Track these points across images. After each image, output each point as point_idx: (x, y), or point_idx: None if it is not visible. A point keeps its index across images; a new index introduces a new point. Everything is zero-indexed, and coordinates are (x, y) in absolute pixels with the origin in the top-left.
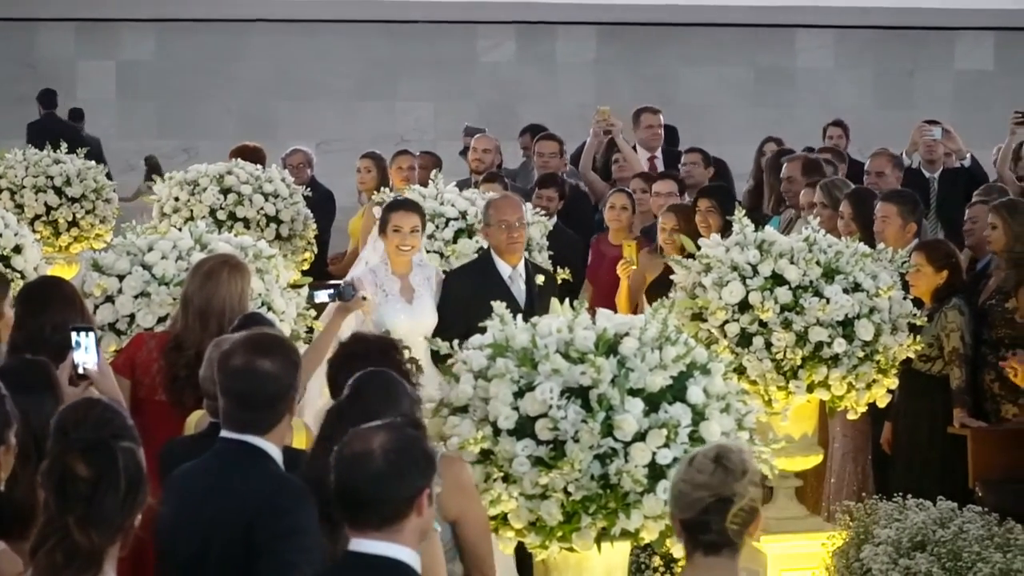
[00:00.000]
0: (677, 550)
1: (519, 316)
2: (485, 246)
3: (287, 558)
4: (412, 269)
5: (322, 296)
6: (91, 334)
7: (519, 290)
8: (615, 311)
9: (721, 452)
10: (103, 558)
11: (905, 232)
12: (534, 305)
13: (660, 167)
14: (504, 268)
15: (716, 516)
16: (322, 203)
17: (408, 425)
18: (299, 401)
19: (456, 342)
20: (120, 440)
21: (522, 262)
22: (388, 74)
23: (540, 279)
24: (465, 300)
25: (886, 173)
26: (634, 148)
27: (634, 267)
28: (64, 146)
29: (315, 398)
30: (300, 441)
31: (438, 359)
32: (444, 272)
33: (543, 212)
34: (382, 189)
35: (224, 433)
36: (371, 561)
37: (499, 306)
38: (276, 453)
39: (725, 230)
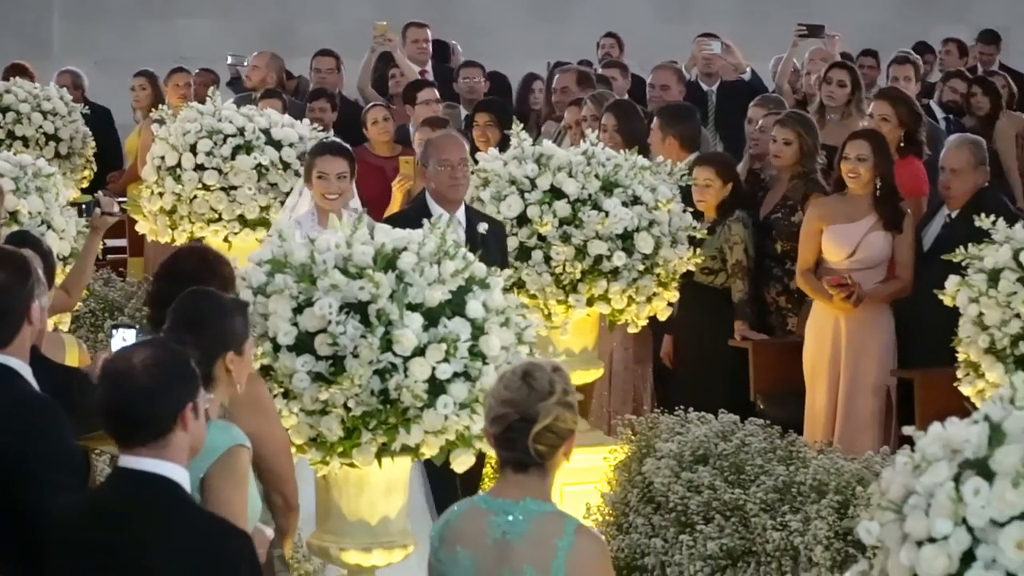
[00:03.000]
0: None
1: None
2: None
3: (46, 477)
4: (343, 219)
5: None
6: None
7: (459, 239)
8: None
9: (529, 370)
10: None
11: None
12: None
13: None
14: (440, 214)
15: (520, 434)
16: (102, 122)
17: (171, 340)
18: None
19: None
20: None
21: (462, 208)
22: None
23: (483, 227)
24: None
25: (671, 87)
26: None
27: (411, 183)
28: None
29: None
30: (72, 358)
31: None
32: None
33: (320, 127)
34: (159, 106)
35: None
36: (139, 478)
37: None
38: (22, 367)
39: (502, 144)
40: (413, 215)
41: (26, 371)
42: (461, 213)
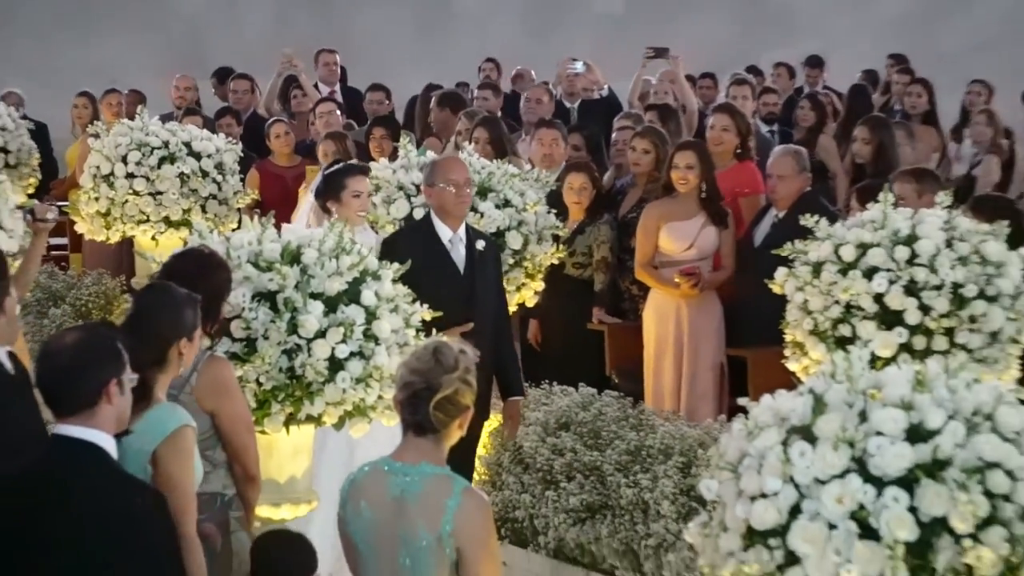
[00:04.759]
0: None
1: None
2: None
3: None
4: (357, 234)
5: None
6: None
7: (459, 255)
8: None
9: (439, 347)
10: None
11: (565, 155)
12: (475, 270)
13: (340, 100)
14: (445, 232)
15: (423, 401)
16: (42, 137)
17: (103, 326)
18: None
19: None
20: None
21: (463, 226)
22: (82, 9)
23: (480, 244)
24: (405, 263)
25: (543, 101)
26: (316, 85)
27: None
28: None
29: None
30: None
31: None
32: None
33: (233, 140)
34: (95, 122)
35: None
36: (69, 443)
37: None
38: None
39: (394, 154)
40: (417, 231)
41: None
42: (462, 230)
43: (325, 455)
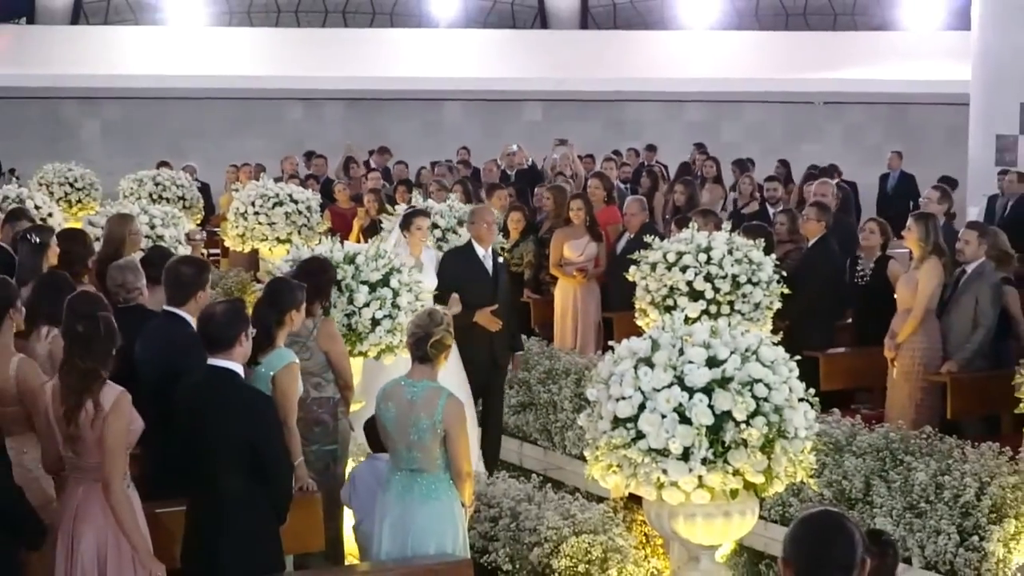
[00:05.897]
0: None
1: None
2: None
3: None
4: (422, 251)
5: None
6: None
7: (489, 265)
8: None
9: (432, 311)
10: (101, 374)
11: (507, 202)
12: (498, 274)
13: (379, 170)
14: (480, 250)
15: (423, 342)
16: (206, 191)
17: (237, 301)
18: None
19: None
20: (102, 311)
21: (491, 247)
22: (237, 121)
23: (500, 259)
24: (456, 270)
25: (494, 170)
26: (367, 162)
27: (362, 221)
28: None
29: None
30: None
31: (437, 300)
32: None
33: (315, 193)
34: (237, 182)
35: None
36: (216, 368)
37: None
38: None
39: (409, 202)
40: (464, 249)
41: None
42: (490, 249)
43: (368, 375)
